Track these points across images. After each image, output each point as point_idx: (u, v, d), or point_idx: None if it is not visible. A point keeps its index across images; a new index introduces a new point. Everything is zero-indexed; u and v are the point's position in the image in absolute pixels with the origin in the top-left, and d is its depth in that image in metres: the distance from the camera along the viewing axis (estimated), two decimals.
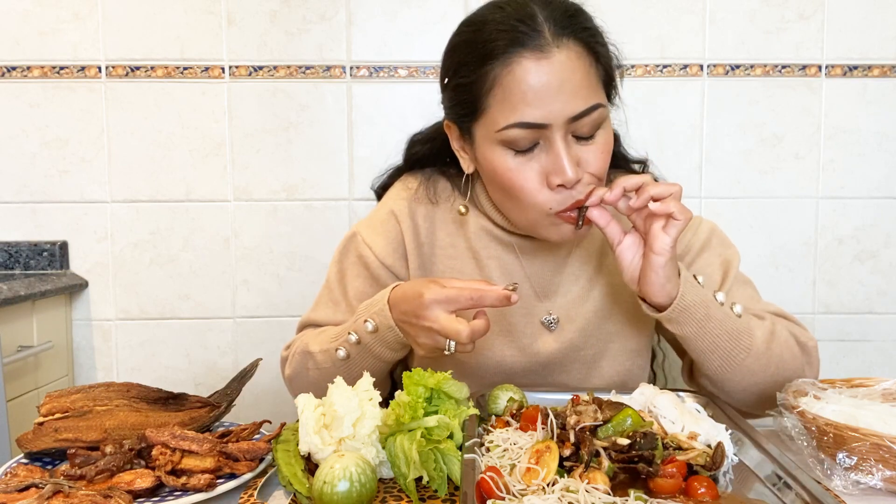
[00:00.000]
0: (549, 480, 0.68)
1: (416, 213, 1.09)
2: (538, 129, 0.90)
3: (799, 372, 0.98)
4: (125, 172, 1.73)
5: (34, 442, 0.82)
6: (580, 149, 0.92)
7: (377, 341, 0.95)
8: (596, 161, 0.92)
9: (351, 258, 1.10)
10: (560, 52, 0.88)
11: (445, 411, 0.80)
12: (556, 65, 0.88)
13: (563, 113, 0.88)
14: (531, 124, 0.89)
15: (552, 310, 1.06)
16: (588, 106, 0.89)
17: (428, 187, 1.11)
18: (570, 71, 0.89)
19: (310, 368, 1.04)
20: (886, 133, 1.75)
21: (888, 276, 1.79)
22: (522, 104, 0.88)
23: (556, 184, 0.90)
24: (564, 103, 0.88)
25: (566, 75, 0.88)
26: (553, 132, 0.89)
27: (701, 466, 0.72)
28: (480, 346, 1.05)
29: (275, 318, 1.77)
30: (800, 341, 0.99)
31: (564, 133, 0.90)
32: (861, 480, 0.76)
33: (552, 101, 0.88)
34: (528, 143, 0.91)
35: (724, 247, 1.08)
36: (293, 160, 1.74)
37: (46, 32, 1.70)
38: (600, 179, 0.95)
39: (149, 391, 0.92)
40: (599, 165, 0.93)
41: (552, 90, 0.88)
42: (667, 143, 1.75)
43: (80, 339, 1.76)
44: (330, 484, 0.69)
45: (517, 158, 0.92)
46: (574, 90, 0.89)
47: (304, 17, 1.71)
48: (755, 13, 1.73)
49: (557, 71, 0.88)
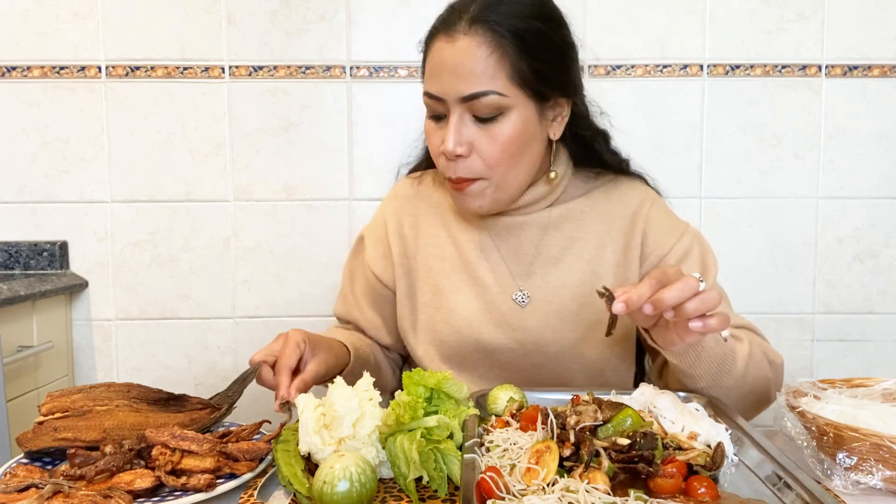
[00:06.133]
0: (549, 480, 0.68)
1: (400, 212, 1.20)
2: (440, 101, 1.01)
3: (766, 389, 1.01)
4: (125, 172, 1.73)
5: (34, 441, 0.82)
6: (476, 131, 1.01)
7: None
8: (487, 146, 1.01)
9: (359, 260, 1.23)
10: (465, 39, 0.98)
11: (445, 411, 0.80)
12: (457, 49, 0.98)
13: (453, 91, 0.99)
14: (432, 95, 1.02)
15: (524, 288, 1.11)
16: (479, 90, 0.98)
17: (421, 178, 1.23)
18: (470, 57, 0.98)
19: None
20: (886, 133, 1.75)
21: (888, 276, 1.79)
22: (430, 77, 1.02)
23: (440, 151, 1.03)
24: (457, 83, 0.98)
25: (463, 59, 0.98)
26: (451, 107, 1.00)
27: (701, 466, 0.72)
28: (460, 324, 1.11)
29: (274, 318, 1.77)
30: (770, 359, 1.02)
31: (461, 111, 1.00)
32: (861, 480, 0.75)
33: (447, 78, 0.99)
34: (435, 112, 1.03)
35: (704, 258, 1.10)
36: (293, 160, 1.74)
37: (46, 32, 1.70)
38: (490, 167, 1.02)
39: (149, 392, 0.92)
40: (491, 151, 1.01)
41: (448, 69, 0.99)
42: (667, 143, 1.75)
43: (80, 339, 1.76)
44: (330, 484, 0.69)
45: (432, 125, 1.05)
46: (469, 73, 0.98)
47: (304, 17, 1.71)
48: (755, 13, 1.73)
49: (457, 54, 0.98)
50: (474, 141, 1.01)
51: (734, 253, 1.76)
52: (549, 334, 1.09)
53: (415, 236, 1.17)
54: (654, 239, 1.10)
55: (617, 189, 1.15)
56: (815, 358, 1.80)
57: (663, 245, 1.09)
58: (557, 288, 1.10)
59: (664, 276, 0.83)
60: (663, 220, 1.12)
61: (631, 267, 1.10)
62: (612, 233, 1.11)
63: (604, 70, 1.73)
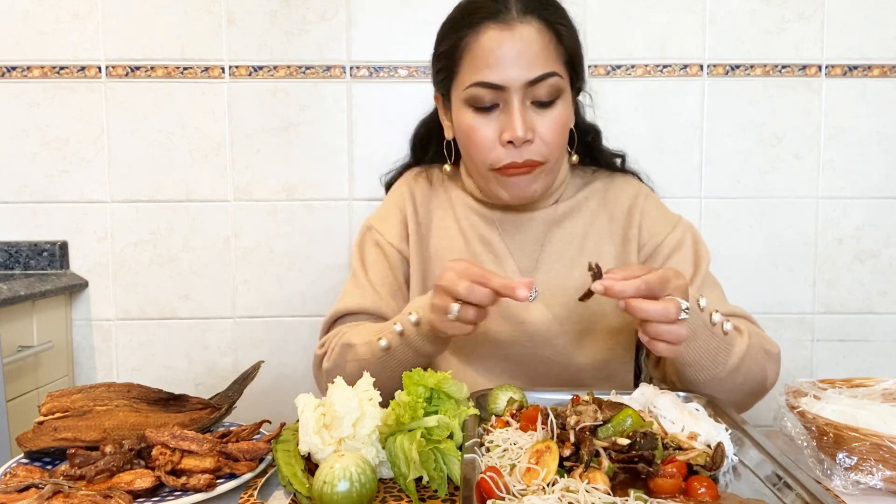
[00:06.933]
0: (549, 480, 0.68)
1: (415, 198, 1.22)
2: (497, 91, 1.02)
3: (761, 380, 1.02)
4: (125, 172, 1.73)
5: (34, 441, 0.82)
6: (536, 116, 1.03)
7: (417, 334, 1.00)
8: (549, 129, 1.04)
9: (369, 247, 1.21)
10: (522, 27, 1.01)
11: (445, 411, 0.80)
12: (517, 36, 1.01)
13: (519, 78, 1.00)
14: (490, 84, 1.02)
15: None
16: (544, 72, 1.01)
17: (427, 173, 1.25)
18: (529, 43, 1.01)
19: (348, 360, 1.06)
20: (886, 133, 1.75)
21: (888, 276, 1.79)
22: (485, 67, 1.02)
23: (507, 140, 1.02)
24: (521, 69, 1.00)
25: (525, 46, 1.01)
26: (511, 95, 1.01)
27: (701, 466, 0.72)
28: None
29: (274, 318, 1.77)
30: (766, 349, 1.03)
31: (522, 97, 1.02)
32: (861, 480, 0.76)
33: (510, 66, 1.00)
34: (488, 102, 1.03)
35: (696, 248, 1.13)
36: (293, 160, 1.74)
37: (46, 32, 1.70)
38: (551, 150, 1.04)
39: (149, 392, 0.92)
40: (551, 135, 1.04)
41: (511, 57, 1.00)
42: (667, 143, 1.75)
43: (80, 339, 1.76)
44: (330, 484, 0.69)
45: (478, 118, 1.05)
46: (531, 59, 1.01)
47: (304, 17, 1.71)
48: (755, 13, 1.72)
49: (518, 41, 1.01)
50: (536, 126, 1.03)
51: (734, 253, 1.76)
52: (555, 326, 1.11)
53: (428, 225, 1.20)
54: (649, 229, 1.15)
55: (613, 185, 1.19)
56: (815, 358, 1.80)
57: (657, 234, 1.14)
58: (563, 282, 1.13)
59: (660, 284, 0.84)
60: (657, 212, 1.17)
61: (630, 258, 1.14)
62: (612, 227, 1.16)
63: (604, 70, 1.73)
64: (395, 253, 1.19)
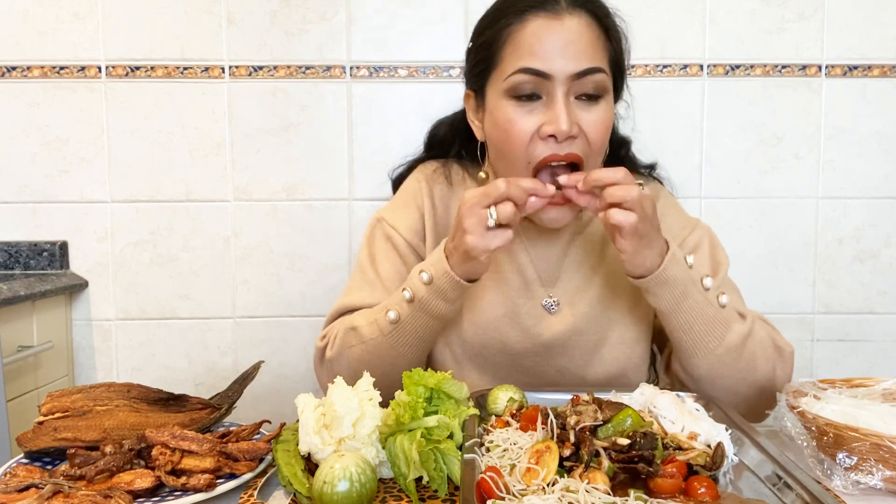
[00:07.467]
0: (549, 480, 0.68)
1: (433, 194, 1.15)
2: (541, 79, 0.96)
3: (770, 375, 1.00)
4: (125, 172, 1.73)
5: (34, 441, 0.82)
6: (581, 111, 0.98)
7: (432, 293, 0.97)
8: (594, 126, 0.98)
9: (379, 241, 1.14)
10: (571, 18, 0.97)
11: (445, 411, 0.80)
12: (566, 27, 0.96)
13: (566, 69, 0.95)
14: (535, 71, 0.96)
15: (553, 294, 1.10)
16: (591, 66, 0.96)
17: (445, 170, 1.18)
18: (578, 34, 0.97)
19: (353, 345, 1.02)
20: (886, 133, 1.75)
21: (888, 276, 1.79)
22: (530, 55, 0.96)
23: (548, 133, 0.96)
24: (568, 60, 0.95)
25: (573, 37, 0.96)
26: (555, 86, 0.96)
27: (701, 466, 0.72)
28: (485, 327, 1.08)
29: (274, 318, 1.77)
30: (776, 345, 1.02)
31: (567, 90, 0.96)
32: (861, 480, 0.75)
33: (557, 56, 0.95)
34: (530, 90, 0.97)
35: (714, 251, 1.11)
36: (293, 160, 1.74)
37: (46, 32, 1.70)
38: (592, 149, 0.99)
39: (149, 392, 0.92)
40: (597, 132, 0.98)
41: (558, 47, 0.96)
42: (667, 143, 1.75)
43: (80, 339, 1.76)
44: (330, 484, 0.69)
45: (518, 109, 0.98)
46: (579, 51, 0.96)
47: (304, 17, 1.71)
48: (755, 13, 1.72)
49: (566, 32, 0.96)
50: (580, 122, 0.97)
51: (734, 253, 1.74)
52: (574, 337, 1.08)
53: (446, 224, 1.14)
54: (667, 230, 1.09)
55: None
56: (815, 358, 1.80)
57: (676, 237, 1.10)
58: (583, 292, 1.10)
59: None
60: (676, 214, 1.15)
61: None
62: None
63: None
64: (406, 247, 1.12)
